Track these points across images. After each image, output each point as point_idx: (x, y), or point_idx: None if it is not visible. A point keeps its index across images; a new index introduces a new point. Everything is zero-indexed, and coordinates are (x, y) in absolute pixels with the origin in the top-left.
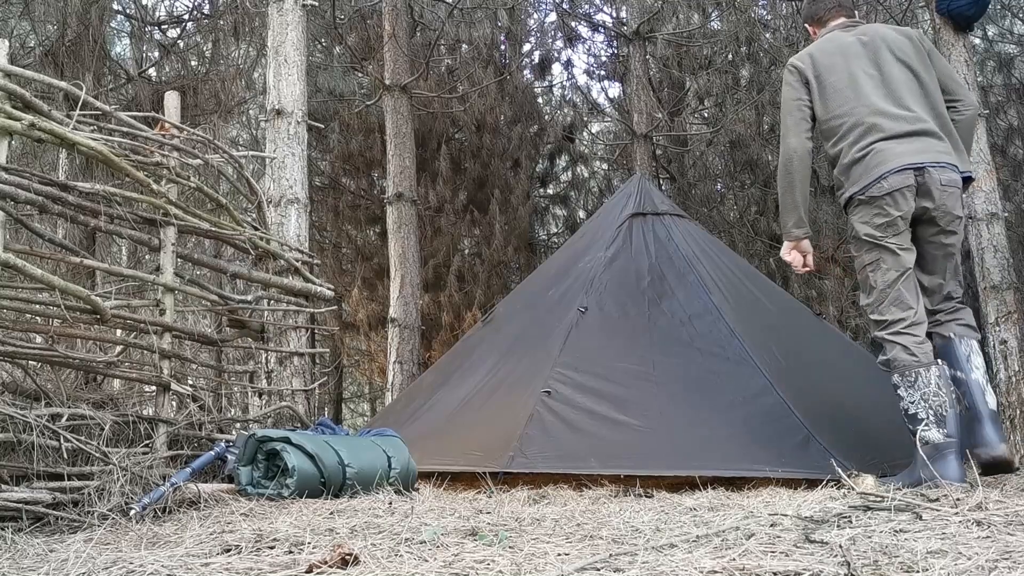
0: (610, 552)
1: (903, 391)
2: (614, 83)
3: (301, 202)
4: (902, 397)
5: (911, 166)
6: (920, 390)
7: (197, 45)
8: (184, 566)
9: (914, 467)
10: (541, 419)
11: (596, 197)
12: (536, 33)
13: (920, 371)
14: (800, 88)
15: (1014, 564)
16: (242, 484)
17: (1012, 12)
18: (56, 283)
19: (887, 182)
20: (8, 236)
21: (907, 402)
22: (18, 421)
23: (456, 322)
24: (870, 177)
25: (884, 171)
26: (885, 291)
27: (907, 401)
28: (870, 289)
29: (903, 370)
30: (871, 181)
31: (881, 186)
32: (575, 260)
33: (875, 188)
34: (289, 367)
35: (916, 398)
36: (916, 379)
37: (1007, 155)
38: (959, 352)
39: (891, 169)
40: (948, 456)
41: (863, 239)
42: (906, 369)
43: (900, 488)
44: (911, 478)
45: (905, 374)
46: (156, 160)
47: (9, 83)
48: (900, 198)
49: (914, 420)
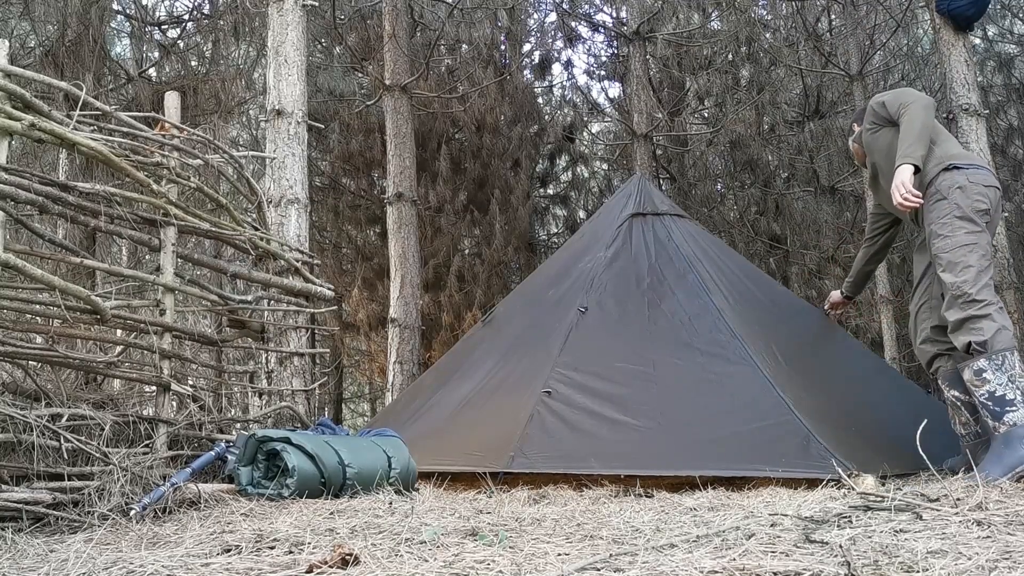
0: (610, 552)
1: (990, 374)
2: (614, 83)
3: (301, 202)
4: (988, 380)
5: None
6: (1007, 372)
7: (197, 45)
8: (184, 566)
9: (1001, 452)
10: (541, 419)
11: (596, 197)
12: (536, 33)
13: (1006, 354)
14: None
15: (1014, 564)
16: (242, 484)
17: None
18: (56, 283)
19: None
20: (8, 236)
21: (994, 384)
22: (18, 421)
23: (456, 322)
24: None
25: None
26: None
27: (994, 383)
28: (966, 267)
29: (996, 353)
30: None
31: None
32: (575, 260)
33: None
34: (289, 367)
35: (1004, 380)
36: (1003, 362)
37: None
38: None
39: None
40: None
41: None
42: (1003, 351)
43: (995, 480)
44: (1005, 464)
45: (993, 357)
46: (156, 160)
47: (9, 83)
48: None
49: (1002, 402)
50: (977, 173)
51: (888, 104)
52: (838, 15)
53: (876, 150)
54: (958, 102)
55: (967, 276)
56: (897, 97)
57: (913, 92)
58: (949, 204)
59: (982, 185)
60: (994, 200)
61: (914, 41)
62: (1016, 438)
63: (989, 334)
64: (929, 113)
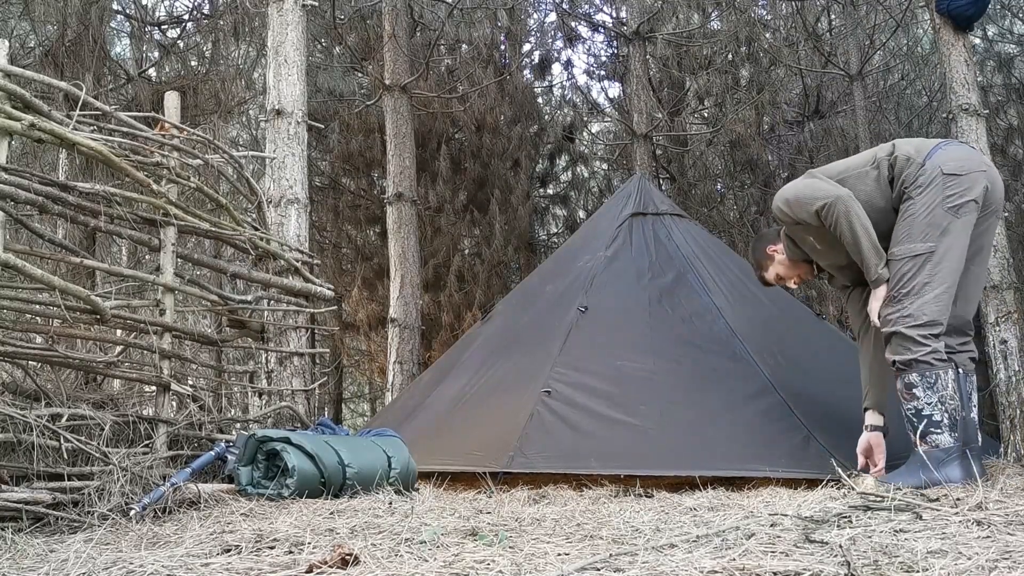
0: (610, 552)
1: (920, 390)
2: (614, 83)
3: (301, 202)
4: (918, 397)
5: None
6: (938, 392)
7: (197, 45)
8: (184, 566)
9: (914, 468)
10: (541, 419)
11: (596, 197)
12: (536, 33)
13: (940, 373)
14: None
15: (1014, 564)
16: (242, 484)
17: (1012, 12)
18: (56, 283)
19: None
20: (8, 236)
21: (923, 402)
22: (18, 421)
23: (456, 322)
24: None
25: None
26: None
27: (923, 401)
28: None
29: (925, 370)
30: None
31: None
32: (575, 260)
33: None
34: (289, 367)
35: (934, 400)
36: (936, 380)
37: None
38: (964, 388)
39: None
40: (955, 460)
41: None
42: (928, 369)
43: (900, 489)
44: (913, 479)
45: (926, 374)
46: (156, 160)
47: (9, 83)
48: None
49: (928, 421)
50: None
51: (793, 211)
52: (838, 15)
53: (816, 249)
54: (958, 102)
55: (902, 307)
56: (799, 201)
57: (814, 190)
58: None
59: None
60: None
61: (914, 41)
62: (935, 460)
63: (917, 353)
64: (852, 211)
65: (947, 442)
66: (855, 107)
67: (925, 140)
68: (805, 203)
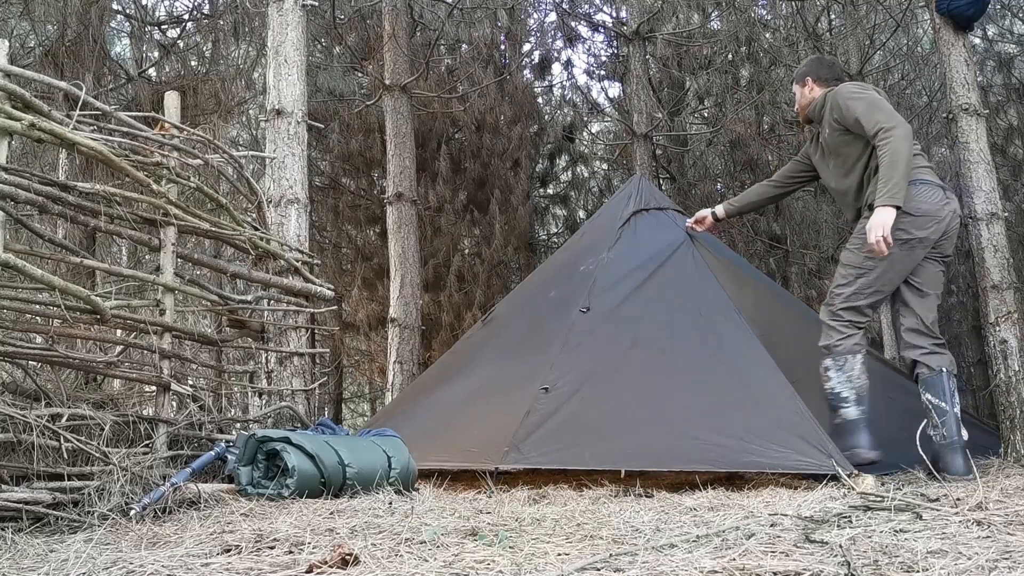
0: (610, 552)
1: (832, 372)
2: (614, 83)
3: (301, 202)
4: (831, 378)
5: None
6: (847, 373)
7: (197, 45)
8: (184, 566)
9: (837, 439)
10: (537, 415)
11: (596, 197)
12: (536, 33)
13: (848, 357)
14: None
15: (1014, 564)
16: (242, 484)
17: (1012, 12)
18: (56, 283)
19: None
20: (8, 236)
21: (834, 382)
22: (18, 421)
23: (456, 322)
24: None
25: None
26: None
27: (834, 382)
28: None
29: (839, 355)
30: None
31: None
32: (576, 260)
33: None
34: (289, 367)
35: (843, 379)
36: (844, 363)
37: (1007, 155)
38: (946, 386)
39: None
40: (861, 429)
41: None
42: (845, 354)
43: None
44: (840, 444)
45: (837, 359)
46: (156, 160)
47: (9, 83)
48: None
49: (838, 398)
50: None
51: (863, 121)
52: (838, 15)
53: (832, 146)
54: (958, 102)
55: (843, 292)
56: (872, 114)
57: (891, 112)
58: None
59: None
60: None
61: (914, 41)
62: (847, 431)
63: (834, 340)
64: (911, 145)
65: (853, 415)
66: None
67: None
68: (867, 113)
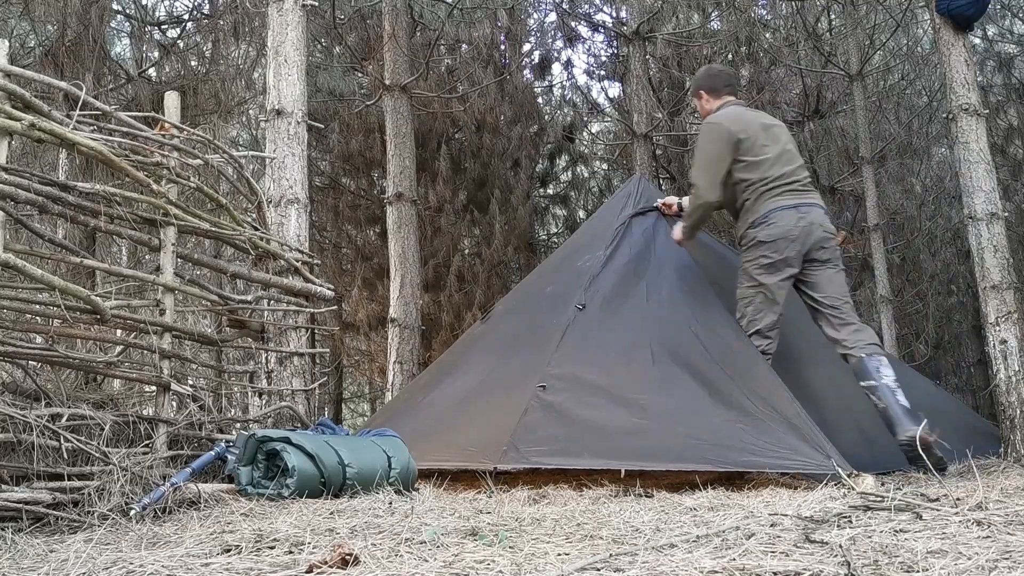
0: (610, 552)
1: None
2: (614, 83)
3: (301, 202)
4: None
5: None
6: None
7: (197, 45)
8: (184, 566)
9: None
10: (535, 414)
11: (596, 197)
12: (536, 33)
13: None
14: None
15: (1014, 564)
16: (242, 484)
17: (1012, 12)
18: (56, 283)
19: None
20: (8, 236)
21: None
22: (18, 421)
23: (456, 322)
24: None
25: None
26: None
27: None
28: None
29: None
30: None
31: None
32: (574, 259)
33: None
34: (289, 367)
35: None
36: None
37: (1007, 155)
38: (870, 366)
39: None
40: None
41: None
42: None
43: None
44: None
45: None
46: (156, 160)
47: (9, 83)
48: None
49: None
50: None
51: (703, 135)
52: (838, 15)
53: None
54: (958, 102)
55: (742, 321)
56: (694, 164)
57: (704, 167)
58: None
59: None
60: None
61: (914, 41)
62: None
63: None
64: (701, 207)
65: None
66: (855, 107)
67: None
68: (699, 156)
